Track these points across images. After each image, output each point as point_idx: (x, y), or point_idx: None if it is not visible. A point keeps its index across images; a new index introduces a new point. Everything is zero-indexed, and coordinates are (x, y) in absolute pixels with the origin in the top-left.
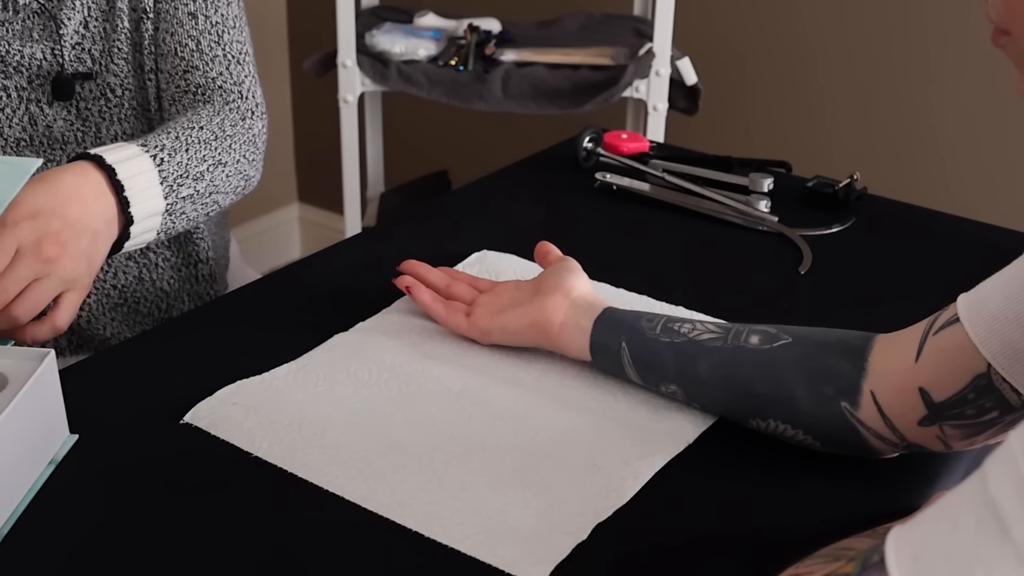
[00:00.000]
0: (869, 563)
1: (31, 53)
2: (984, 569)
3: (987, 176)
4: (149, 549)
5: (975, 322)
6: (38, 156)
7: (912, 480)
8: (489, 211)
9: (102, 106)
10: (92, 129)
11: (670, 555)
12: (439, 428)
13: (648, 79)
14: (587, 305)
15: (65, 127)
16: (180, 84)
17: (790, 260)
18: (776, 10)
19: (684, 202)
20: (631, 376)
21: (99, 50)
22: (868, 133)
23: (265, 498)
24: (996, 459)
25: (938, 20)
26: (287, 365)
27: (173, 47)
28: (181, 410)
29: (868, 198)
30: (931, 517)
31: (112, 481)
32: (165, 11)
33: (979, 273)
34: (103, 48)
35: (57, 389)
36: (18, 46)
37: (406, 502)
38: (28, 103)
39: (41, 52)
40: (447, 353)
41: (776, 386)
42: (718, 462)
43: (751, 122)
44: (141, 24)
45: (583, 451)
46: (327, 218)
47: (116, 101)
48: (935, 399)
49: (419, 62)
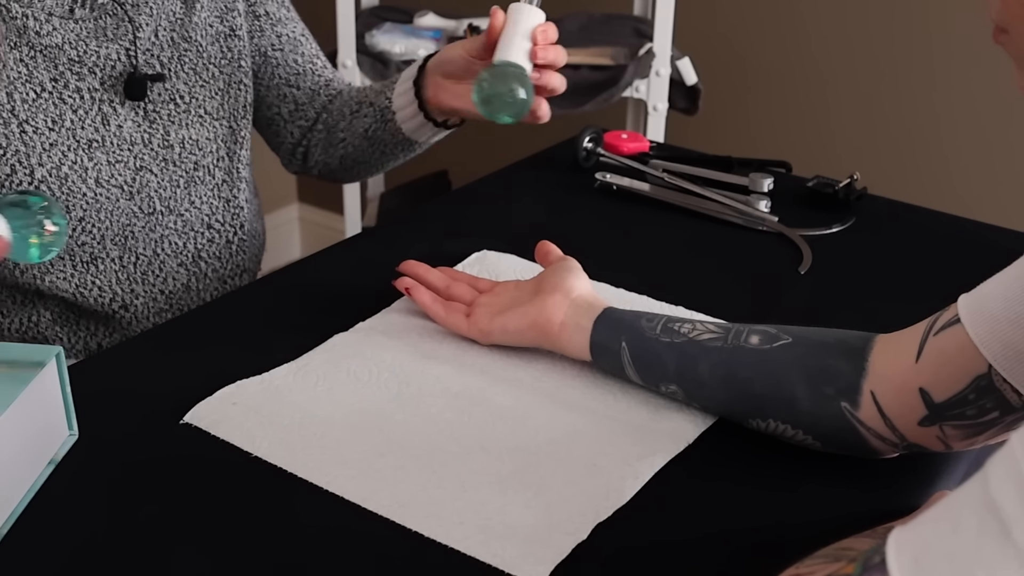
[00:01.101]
0: (870, 564)
1: (106, 53)
2: (985, 571)
3: (988, 176)
4: (149, 549)
5: (976, 323)
6: (108, 156)
7: (912, 480)
8: (489, 211)
9: (171, 110)
10: (160, 132)
11: (670, 555)
12: (439, 428)
13: (648, 79)
14: (587, 305)
15: (134, 128)
16: (329, 94)
17: (790, 260)
18: (776, 10)
19: (684, 202)
20: (631, 376)
21: (167, 57)
22: (868, 133)
23: (265, 498)
24: (997, 460)
25: (938, 20)
26: (287, 365)
27: (305, 67)
28: (181, 410)
29: (868, 198)
30: (932, 518)
31: (112, 481)
32: (285, 35)
33: (979, 273)
34: (171, 55)
35: (58, 389)
36: (94, 46)
37: (406, 502)
38: (101, 103)
39: (116, 52)
40: (447, 353)
41: (776, 386)
42: (718, 462)
43: (751, 122)
44: (228, 41)
45: (583, 451)
46: (327, 218)
47: (184, 107)
48: (935, 399)
49: None
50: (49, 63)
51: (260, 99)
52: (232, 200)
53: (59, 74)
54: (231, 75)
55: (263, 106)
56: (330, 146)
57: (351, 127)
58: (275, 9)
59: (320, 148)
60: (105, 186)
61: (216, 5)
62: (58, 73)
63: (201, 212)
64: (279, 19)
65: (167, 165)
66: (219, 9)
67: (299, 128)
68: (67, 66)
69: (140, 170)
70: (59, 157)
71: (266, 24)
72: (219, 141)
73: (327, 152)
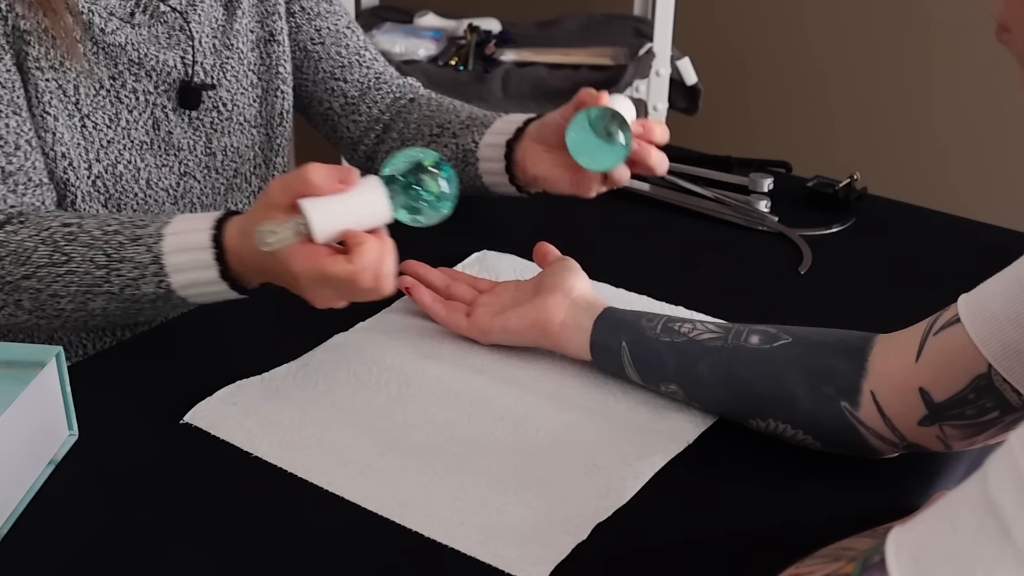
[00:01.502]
0: (869, 563)
1: (164, 59)
2: (984, 570)
3: (987, 176)
4: (149, 550)
5: (976, 322)
6: (156, 160)
7: (912, 480)
8: (489, 211)
9: (214, 117)
10: (203, 139)
11: (670, 555)
12: (439, 428)
13: (648, 79)
14: (587, 305)
15: (180, 134)
16: (380, 88)
17: (790, 260)
18: (776, 10)
19: (684, 202)
20: (631, 376)
21: (210, 64)
22: (868, 133)
23: (265, 498)
24: (997, 460)
25: (938, 20)
26: (287, 365)
27: (351, 59)
28: (181, 410)
29: (868, 198)
30: (931, 518)
31: (112, 481)
32: (325, 28)
33: (979, 273)
34: (213, 63)
35: (58, 389)
36: (154, 51)
37: (406, 502)
38: (153, 107)
39: (173, 59)
40: (447, 353)
41: (776, 386)
42: (718, 462)
43: (751, 122)
44: (267, 47)
45: (583, 451)
46: None
47: (227, 114)
48: (935, 399)
49: (419, 62)
50: (110, 61)
51: (310, 95)
52: None
53: (117, 73)
54: (269, 82)
55: (314, 102)
56: None
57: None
58: (312, 4)
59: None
60: (154, 188)
61: (257, 9)
62: (116, 72)
63: None
64: (317, 13)
65: (209, 172)
66: (260, 13)
67: (355, 124)
68: (126, 66)
69: (184, 175)
70: (115, 155)
71: (302, 19)
72: (256, 148)
73: None
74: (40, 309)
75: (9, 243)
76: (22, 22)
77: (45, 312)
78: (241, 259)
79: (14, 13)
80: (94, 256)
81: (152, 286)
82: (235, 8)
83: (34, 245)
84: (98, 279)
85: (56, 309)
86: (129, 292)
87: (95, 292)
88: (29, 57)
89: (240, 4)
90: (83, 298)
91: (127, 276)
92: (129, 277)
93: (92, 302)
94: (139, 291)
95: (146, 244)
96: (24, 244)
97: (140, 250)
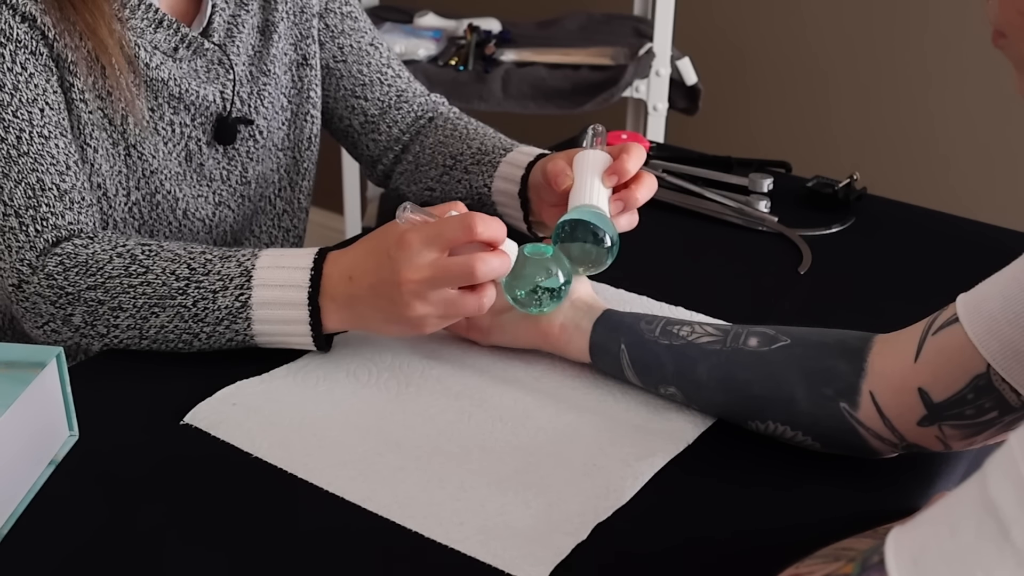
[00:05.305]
0: (869, 564)
1: (204, 94)
2: (984, 571)
3: (987, 176)
4: (149, 550)
5: (974, 322)
6: (192, 191)
7: (912, 480)
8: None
9: (250, 147)
10: (238, 169)
11: (670, 555)
12: (439, 428)
13: (648, 79)
14: (587, 307)
15: (214, 165)
16: (401, 107)
17: (790, 260)
18: (776, 10)
19: (684, 202)
20: (630, 378)
21: (247, 92)
22: (868, 133)
23: (265, 499)
24: (996, 461)
25: (938, 20)
26: (287, 365)
27: (372, 77)
28: (181, 411)
29: (868, 198)
30: (931, 518)
31: (112, 482)
32: (348, 46)
33: (979, 273)
34: (250, 90)
35: (58, 389)
36: (195, 86)
37: (406, 503)
38: (188, 140)
39: (212, 94)
40: (447, 353)
41: (775, 387)
42: (717, 463)
43: (751, 122)
44: (300, 70)
45: (583, 451)
46: (327, 218)
47: (262, 142)
48: (934, 399)
49: (419, 62)
50: (151, 93)
51: (331, 112)
52: (292, 230)
53: (157, 105)
54: (299, 105)
55: (335, 119)
56: (414, 183)
57: (441, 182)
58: (336, 21)
59: (404, 179)
60: (191, 219)
61: (292, 33)
62: (156, 104)
63: (260, 241)
64: (341, 31)
65: (244, 201)
66: (295, 36)
67: (374, 142)
68: (166, 100)
69: (219, 205)
70: (155, 185)
71: (326, 37)
72: (282, 171)
73: (410, 186)
74: (90, 325)
75: (78, 255)
76: (69, 53)
77: (95, 328)
78: (331, 279)
79: (62, 43)
80: (176, 269)
81: (230, 299)
82: (271, 32)
83: (109, 257)
84: (175, 290)
85: (109, 325)
86: (202, 306)
87: (164, 305)
88: (74, 88)
89: (276, 28)
90: (147, 312)
91: (208, 288)
92: (210, 288)
93: (155, 317)
94: (213, 304)
95: (237, 259)
96: (97, 256)
97: (230, 264)
